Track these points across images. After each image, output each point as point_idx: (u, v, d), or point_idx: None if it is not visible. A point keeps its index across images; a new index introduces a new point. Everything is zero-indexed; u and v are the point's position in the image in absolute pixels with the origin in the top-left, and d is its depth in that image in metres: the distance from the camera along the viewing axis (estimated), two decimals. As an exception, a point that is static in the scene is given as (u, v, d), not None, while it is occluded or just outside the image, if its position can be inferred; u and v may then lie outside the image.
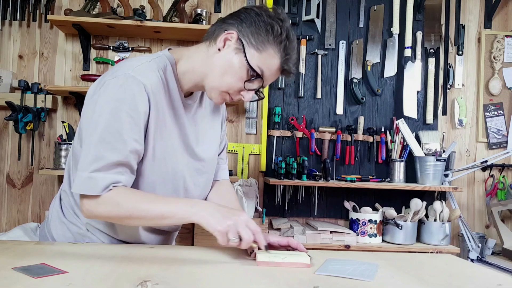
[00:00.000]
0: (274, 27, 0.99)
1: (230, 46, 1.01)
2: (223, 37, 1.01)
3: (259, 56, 0.99)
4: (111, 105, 0.96)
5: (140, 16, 2.37)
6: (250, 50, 0.99)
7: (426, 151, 2.55)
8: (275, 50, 1.00)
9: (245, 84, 1.01)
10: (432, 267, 0.98)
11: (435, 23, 2.74)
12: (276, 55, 1.00)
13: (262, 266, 0.90)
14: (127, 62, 1.02)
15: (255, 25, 1.00)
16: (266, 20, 1.00)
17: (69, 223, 1.12)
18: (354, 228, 2.42)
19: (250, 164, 2.66)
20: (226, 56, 1.01)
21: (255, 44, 0.99)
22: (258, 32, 0.99)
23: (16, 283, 0.71)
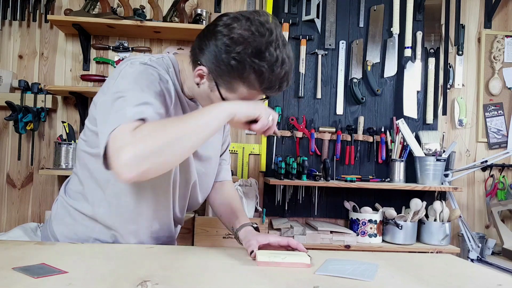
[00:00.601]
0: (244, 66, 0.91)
1: (204, 83, 1.00)
2: (196, 72, 0.99)
3: (233, 95, 0.96)
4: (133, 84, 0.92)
5: (140, 16, 2.37)
6: (223, 91, 0.97)
7: (426, 151, 2.55)
8: (248, 87, 0.94)
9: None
10: (432, 267, 0.98)
11: (435, 23, 2.74)
12: (251, 89, 0.95)
13: (262, 266, 0.90)
14: (135, 57, 1.03)
15: (224, 64, 0.92)
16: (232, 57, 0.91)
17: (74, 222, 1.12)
18: (354, 228, 2.42)
19: (250, 164, 2.66)
20: (205, 91, 1.01)
21: (224, 84, 0.96)
22: (223, 73, 0.94)
23: (16, 283, 0.71)
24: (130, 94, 0.90)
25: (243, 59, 0.90)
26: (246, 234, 1.09)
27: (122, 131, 0.82)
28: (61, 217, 1.15)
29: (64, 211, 1.15)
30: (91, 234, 1.11)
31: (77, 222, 1.12)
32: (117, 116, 0.85)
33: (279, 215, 2.63)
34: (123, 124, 0.83)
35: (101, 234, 1.10)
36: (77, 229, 1.12)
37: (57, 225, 1.15)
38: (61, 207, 1.16)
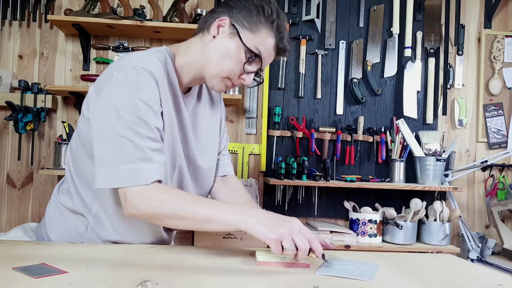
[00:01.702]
0: (264, 8, 1.01)
1: (224, 32, 1.03)
2: (216, 24, 1.03)
3: (254, 37, 1.01)
4: (128, 96, 0.94)
5: (140, 16, 2.37)
6: (244, 33, 1.01)
7: (426, 151, 2.55)
8: (268, 30, 1.02)
9: (245, 67, 1.02)
10: (432, 267, 0.98)
11: (435, 23, 2.74)
12: (270, 34, 1.02)
13: (262, 266, 0.90)
14: (130, 56, 1.02)
15: (245, 8, 1.02)
16: (255, 3, 1.02)
17: (68, 222, 1.11)
18: (354, 228, 2.42)
19: (250, 164, 2.66)
20: (222, 42, 1.03)
21: (248, 26, 1.01)
22: (250, 15, 1.01)
23: (16, 283, 0.71)
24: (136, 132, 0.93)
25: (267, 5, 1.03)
26: None
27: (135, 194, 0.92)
28: (54, 217, 1.14)
29: (56, 211, 1.14)
30: (84, 233, 1.10)
31: (69, 221, 1.11)
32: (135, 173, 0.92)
33: (279, 215, 2.63)
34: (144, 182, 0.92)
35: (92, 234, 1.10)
36: (69, 229, 1.11)
37: (50, 225, 1.14)
38: (54, 207, 1.15)
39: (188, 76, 1.09)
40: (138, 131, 0.93)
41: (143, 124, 0.94)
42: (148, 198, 0.91)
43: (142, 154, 0.92)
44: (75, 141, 1.08)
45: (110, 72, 0.98)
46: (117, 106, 0.93)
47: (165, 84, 1.01)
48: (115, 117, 0.93)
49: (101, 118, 0.95)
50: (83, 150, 1.05)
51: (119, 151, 0.92)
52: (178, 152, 1.08)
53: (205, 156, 1.19)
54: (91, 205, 1.07)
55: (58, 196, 1.16)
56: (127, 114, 0.93)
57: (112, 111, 0.94)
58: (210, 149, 1.21)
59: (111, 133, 0.93)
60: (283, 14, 1.05)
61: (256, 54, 1.01)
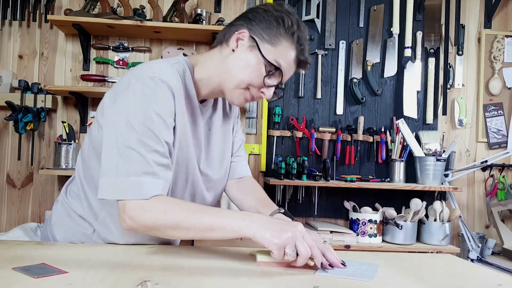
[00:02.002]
0: (284, 20, 0.99)
1: (243, 45, 1.01)
2: (235, 38, 1.01)
3: (274, 50, 0.99)
4: (143, 107, 0.92)
5: (140, 16, 2.37)
6: (264, 45, 0.99)
7: (426, 151, 2.55)
8: (289, 42, 1.00)
9: (265, 80, 1.00)
10: (432, 267, 0.98)
11: (435, 23, 2.74)
12: (291, 47, 1.00)
13: (262, 266, 0.90)
14: (150, 65, 1.00)
15: (265, 20, 1.00)
16: (275, 14, 1.00)
17: (75, 224, 1.11)
18: (354, 228, 2.42)
19: (250, 164, 2.65)
20: (241, 55, 1.01)
21: (268, 39, 0.99)
22: (269, 27, 0.99)
23: (16, 283, 0.71)
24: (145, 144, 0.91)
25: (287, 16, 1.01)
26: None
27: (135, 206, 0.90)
28: (61, 219, 1.14)
29: (64, 213, 1.14)
30: (90, 236, 1.10)
31: (77, 224, 1.11)
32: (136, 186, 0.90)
33: (279, 215, 2.63)
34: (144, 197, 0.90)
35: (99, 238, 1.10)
36: (76, 231, 1.11)
37: (56, 226, 1.14)
38: (61, 208, 1.15)
39: (207, 89, 1.07)
40: (147, 143, 0.91)
41: (153, 137, 0.92)
42: (149, 209, 0.89)
43: (147, 168, 0.90)
44: (87, 146, 1.07)
45: (128, 80, 0.96)
46: (130, 116, 0.92)
47: (182, 96, 1.00)
48: (125, 126, 0.91)
49: (112, 126, 0.94)
50: (94, 155, 1.04)
51: (124, 162, 0.90)
52: (192, 165, 1.07)
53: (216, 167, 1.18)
54: (98, 212, 1.07)
55: (66, 198, 1.15)
56: (138, 124, 0.91)
57: (124, 120, 0.92)
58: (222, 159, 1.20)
59: (119, 142, 0.91)
60: (303, 25, 1.03)
61: (277, 67, 0.99)
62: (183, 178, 1.05)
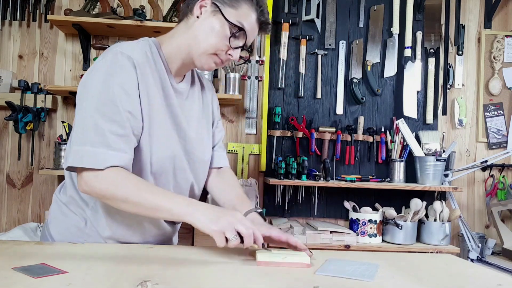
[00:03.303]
0: None
1: (206, 11, 1.06)
2: (198, 5, 1.07)
3: (236, 12, 1.04)
4: (102, 79, 0.98)
5: (140, 16, 2.37)
6: (226, 9, 1.04)
7: (426, 151, 2.55)
8: (249, 5, 1.05)
9: (230, 41, 1.05)
10: (432, 267, 0.98)
11: (435, 23, 2.74)
12: (251, 9, 1.05)
13: (262, 266, 0.90)
14: (115, 44, 1.06)
15: None
16: None
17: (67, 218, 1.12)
18: (354, 228, 2.42)
19: (250, 164, 2.66)
20: (206, 20, 1.06)
21: (229, 2, 1.05)
22: None
23: (16, 283, 0.71)
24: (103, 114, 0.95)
25: None
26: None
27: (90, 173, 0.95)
28: (55, 216, 1.15)
29: (57, 209, 1.15)
30: (83, 229, 1.10)
31: (69, 219, 1.11)
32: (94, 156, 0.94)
33: (279, 215, 2.63)
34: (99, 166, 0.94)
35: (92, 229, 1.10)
36: (69, 226, 1.11)
37: (51, 224, 1.16)
38: (55, 206, 1.17)
39: (177, 62, 1.11)
40: (105, 113, 0.96)
41: (112, 107, 0.96)
42: (102, 179, 0.94)
43: (102, 139, 0.95)
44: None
45: (97, 61, 1.03)
46: (91, 89, 0.98)
47: (147, 67, 1.04)
48: (87, 99, 0.97)
49: (78, 100, 1.01)
50: None
51: (82, 131, 0.95)
52: (171, 140, 1.09)
53: (201, 146, 1.18)
54: (88, 199, 1.09)
55: (58, 195, 1.17)
56: (97, 95, 0.97)
57: (86, 93, 0.98)
58: (205, 140, 1.21)
59: (80, 113, 0.98)
60: None
61: (240, 28, 1.04)
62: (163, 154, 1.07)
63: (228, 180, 1.27)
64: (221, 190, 1.25)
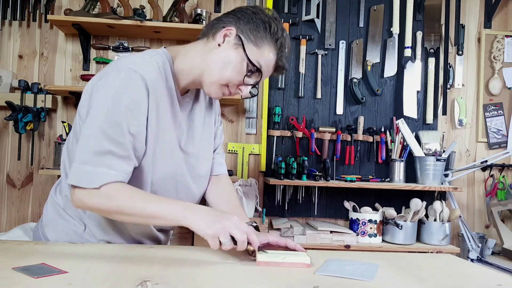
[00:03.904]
0: (271, 25, 1.04)
1: (229, 41, 1.04)
2: (222, 33, 1.04)
3: (257, 51, 1.03)
4: (111, 97, 0.96)
5: (140, 16, 2.37)
6: (249, 45, 1.03)
7: (426, 151, 2.55)
8: (272, 47, 1.04)
9: (245, 78, 1.04)
10: (432, 267, 0.98)
11: (435, 23, 2.74)
12: (273, 51, 1.05)
13: (262, 266, 0.90)
14: (128, 57, 1.03)
15: (252, 22, 1.04)
16: (263, 18, 1.04)
17: (65, 222, 1.11)
18: (354, 228, 2.42)
19: (250, 164, 2.66)
20: (226, 51, 1.04)
21: (254, 40, 1.03)
22: (256, 29, 1.03)
23: (16, 283, 0.71)
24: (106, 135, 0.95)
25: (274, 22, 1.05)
26: None
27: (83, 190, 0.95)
28: (52, 218, 1.14)
29: (54, 212, 1.13)
30: (81, 234, 1.10)
31: (67, 222, 1.11)
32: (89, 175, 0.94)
33: (279, 215, 2.63)
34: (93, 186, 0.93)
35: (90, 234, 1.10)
36: (67, 230, 1.11)
37: (47, 226, 1.14)
38: (51, 208, 1.15)
39: (186, 80, 1.09)
40: (110, 135, 0.95)
41: (117, 129, 0.95)
42: (95, 196, 0.94)
43: (104, 160, 0.94)
44: (71, 140, 1.08)
45: (105, 71, 1.01)
46: (99, 106, 0.96)
47: (160, 88, 1.02)
48: (93, 115, 0.96)
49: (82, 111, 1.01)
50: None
51: (83, 150, 0.95)
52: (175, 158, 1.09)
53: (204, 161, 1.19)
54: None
55: (54, 196, 1.16)
56: (104, 115, 0.95)
57: (94, 109, 0.97)
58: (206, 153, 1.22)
59: (85, 130, 0.97)
60: (286, 33, 1.07)
61: (258, 68, 1.03)
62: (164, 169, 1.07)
63: (224, 189, 1.27)
64: (218, 200, 1.25)
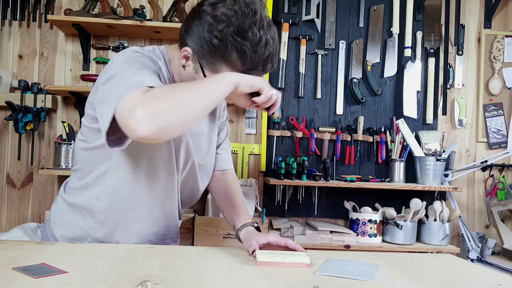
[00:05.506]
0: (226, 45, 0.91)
1: (190, 64, 1.01)
2: (182, 54, 1.00)
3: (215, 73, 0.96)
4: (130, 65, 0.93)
5: (140, 16, 2.37)
6: (207, 72, 0.97)
7: (426, 151, 2.55)
8: (230, 67, 0.94)
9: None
10: (432, 267, 0.98)
11: (435, 23, 2.74)
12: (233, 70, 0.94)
13: (262, 266, 0.90)
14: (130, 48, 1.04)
15: (204, 44, 0.93)
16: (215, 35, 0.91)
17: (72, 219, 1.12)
18: (354, 228, 2.42)
19: (250, 164, 2.66)
20: (190, 73, 1.02)
21: (207, 65, 0.96)
22: (207, 53, 0.94)
23: (16, 283, 0.71)
24: (127, 72, 0.89)
25: (225, 37, 0.91)
26: (247, 234, 1.09)
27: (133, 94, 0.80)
28: (60, 216, 1.15)
29: (63, 210, 1.15)
30: (89, 231, 1.11)
31: (76, 219, 1.12)
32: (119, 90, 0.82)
33: (279, 215, 2.63)
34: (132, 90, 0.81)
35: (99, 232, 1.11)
36: (75, 227, 1.12)
37: (56, 224, 1.15)
38: (60, 206, 1.16)
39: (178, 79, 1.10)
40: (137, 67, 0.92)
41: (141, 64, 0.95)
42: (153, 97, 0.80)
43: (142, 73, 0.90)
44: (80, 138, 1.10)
45: (110, 62, 1.00)
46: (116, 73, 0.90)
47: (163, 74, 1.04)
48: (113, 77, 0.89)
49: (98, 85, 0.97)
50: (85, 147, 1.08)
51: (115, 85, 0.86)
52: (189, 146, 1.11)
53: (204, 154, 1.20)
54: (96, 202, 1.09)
55: (64, 194, 1.17)
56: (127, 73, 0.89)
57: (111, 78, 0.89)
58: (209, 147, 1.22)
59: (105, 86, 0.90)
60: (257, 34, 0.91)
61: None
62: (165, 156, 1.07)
63: (230, 187, 1.27)
64: (222, 197, 1.26)
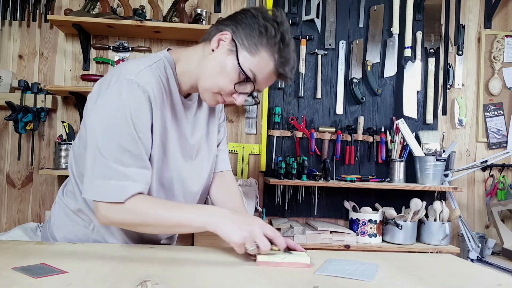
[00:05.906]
0: (268, 29, 0.97)
1: (223, 47, 1.00)
2: (217, 38, 1.00)
3: (251, 59, 0.97)
4: (118, 110, 0.95)
5: (140, 16, 2.37)
6: (242, 52, 0.98)
7: (426, 151, 2.55)
8: (269, 53, 0.98)
9: (236, 87, 0.99)
10: (432, 267, 0.98)
11: (435, 23, 2.74)
12: (270, 59, 0.98)
13: (262, 266, 0.90)
14: (129, 65, 1.01)
15: (249, 27, 0.98)
16: (260, 22, 0.97)
17: (74, 224, 1.11)
18: (354, 228, 2.42)
19: (250, 164, 2.66)
20: (219, 57, 1.00)
21: (248, 46, 0.97)
22: (252, 34, 0.97)
23: (16, 283, 0.71)
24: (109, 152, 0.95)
25: (273, 26, 0.98)
26: None
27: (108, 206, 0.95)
28: (60, 219, 1.14)
29: (62, 213, 1.14)
30: (90, 235, 1.10)
31: (75, 223, 1.11)
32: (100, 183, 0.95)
33: (279, 215, 2.63)
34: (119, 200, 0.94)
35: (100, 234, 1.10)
36: (76, 230, 1.11)
37: (56, 227, 1.15)
38: (59, 208, 1.16)
39: (187, 84, 1.08)
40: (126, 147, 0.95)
41: (131, 140, 0.95)
42: (119, 210, 0.95)
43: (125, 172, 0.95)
44: (77, 143, 1.09)
45: (108, 80, 0.98)
46: (106, 119, 0.95)
47: (162, 97, 1.01)
48: (105, 130, 0.95)
49: (92, 129, 0.97)
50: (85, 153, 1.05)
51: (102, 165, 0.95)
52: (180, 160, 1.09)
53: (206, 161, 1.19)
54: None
55: (62, 197, 1.16)
56: (115, 128, 0.95)
57: (104, 123, 0.95)
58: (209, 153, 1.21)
59: (99, 145, 0.95)
60: (290, 38, 0.99)
61: (249, 77, 0.98)
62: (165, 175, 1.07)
63: (228, 188, 1.27)
64: (222, 198, 1.25)
